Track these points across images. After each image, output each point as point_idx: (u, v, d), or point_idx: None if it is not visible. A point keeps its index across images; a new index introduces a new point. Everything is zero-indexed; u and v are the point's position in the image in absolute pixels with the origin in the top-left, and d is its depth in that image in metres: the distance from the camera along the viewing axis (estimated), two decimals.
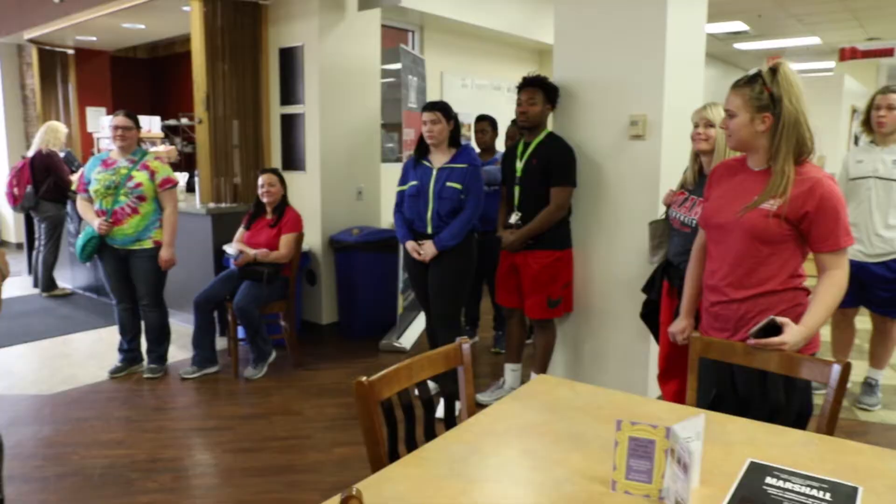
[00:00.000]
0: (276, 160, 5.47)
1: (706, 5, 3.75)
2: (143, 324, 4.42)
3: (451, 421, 1.89)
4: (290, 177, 4.90)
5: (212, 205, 5.27)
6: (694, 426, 1.35)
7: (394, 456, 1.70)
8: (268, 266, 4.28)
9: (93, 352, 4.91)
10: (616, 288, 3.67)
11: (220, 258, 5.06)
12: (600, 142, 3.65)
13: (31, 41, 7.66)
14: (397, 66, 5.43)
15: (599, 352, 3.81)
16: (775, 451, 1.52)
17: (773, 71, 1.96)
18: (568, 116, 3.75)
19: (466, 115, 7.02)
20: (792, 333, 1.89)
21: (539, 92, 3.57)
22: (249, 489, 2.96)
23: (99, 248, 4.21)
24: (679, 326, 2.51)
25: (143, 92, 9.33)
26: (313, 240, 5.23)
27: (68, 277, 6.90)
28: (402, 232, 3.81)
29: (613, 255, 3.67)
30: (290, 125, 5.33)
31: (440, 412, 2.50)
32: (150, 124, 8.10)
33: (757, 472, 1.41)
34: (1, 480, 1.22)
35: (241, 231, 4.55)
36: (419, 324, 5.26)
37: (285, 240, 4.38)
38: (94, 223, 4.15)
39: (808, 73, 11.79)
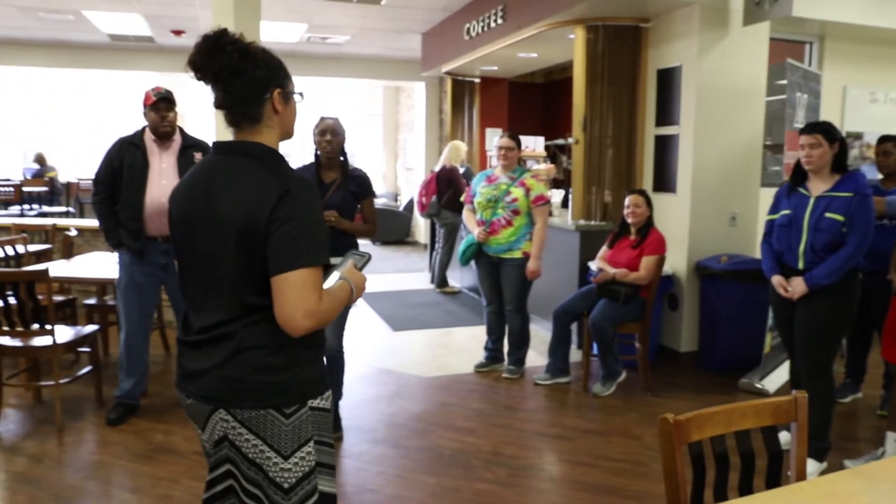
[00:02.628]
0: (647, 181, 5.46)
1: None
2: (506, 327, 4.82)
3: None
4: (659, 198, 4.84)
5: (581, 222, 5.49)
6: None
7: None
8: (626, 286, 4.30)
9: (466, 346, 5.51)
10: None
11: (584, 273, 5.25)
12: None
13: (448, 73, 9.00)
14: (784, 82, 4.96)
15: None
16: None
17: None
18: None
19: (874, 135, 6.08)
20: None
21: None
22: (575, 503, 3.03)
23: (476, 254, 4.72)
24: None
25: (535, 114, 10.13)
26: (678, 264, 5.09)
27: (457, 277, 7.84)
28: (768, 265, 3.50)
29: None
30: (664, 146, 5.27)
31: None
32: (535, 144, 8.74)
33: None
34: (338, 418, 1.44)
35: (604, 249, 4.65)
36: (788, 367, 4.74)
37: (646, 261, 4.35)
38: (475, 231, 4.66)
39: None
